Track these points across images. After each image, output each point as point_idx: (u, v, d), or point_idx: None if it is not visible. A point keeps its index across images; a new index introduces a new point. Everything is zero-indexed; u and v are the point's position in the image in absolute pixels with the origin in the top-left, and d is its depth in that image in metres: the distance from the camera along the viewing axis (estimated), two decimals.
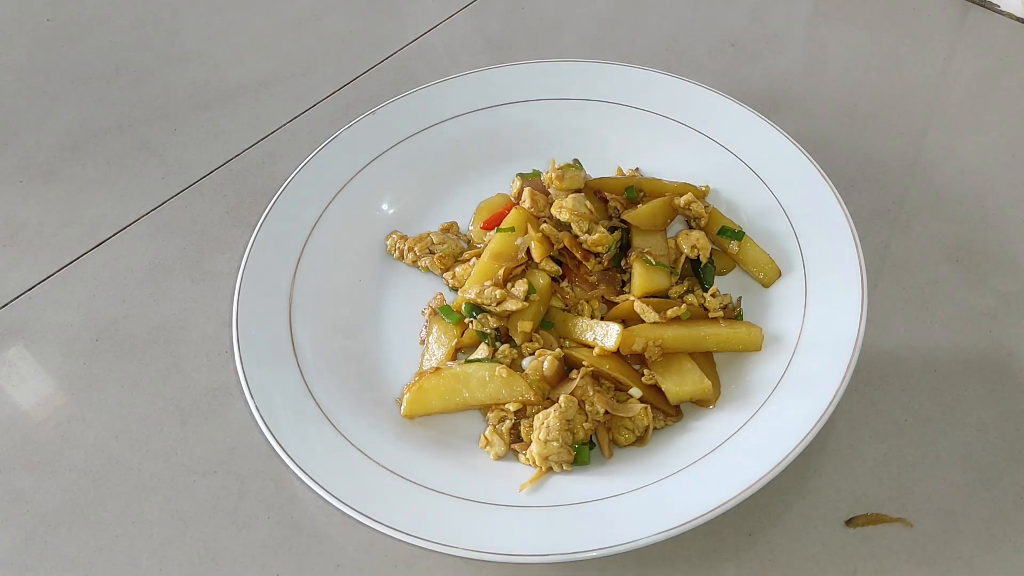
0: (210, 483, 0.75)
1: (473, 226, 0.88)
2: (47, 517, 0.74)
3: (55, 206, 0.99)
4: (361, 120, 0.90)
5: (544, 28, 1.16)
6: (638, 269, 0.78)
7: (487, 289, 0.76)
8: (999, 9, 1.10)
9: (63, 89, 1.14)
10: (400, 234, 0.86)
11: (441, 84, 0.93)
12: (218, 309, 0.87)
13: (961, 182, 0.91)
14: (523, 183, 0.84)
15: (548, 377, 0.73)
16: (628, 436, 0.71)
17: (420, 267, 0.85)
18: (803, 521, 0.69)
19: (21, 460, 0.78)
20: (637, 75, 0.92)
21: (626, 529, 0.62)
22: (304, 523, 0.72)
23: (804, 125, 0.98)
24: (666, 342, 0.73)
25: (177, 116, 1.08)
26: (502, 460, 0.71)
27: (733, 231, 0.81)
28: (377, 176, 0.89)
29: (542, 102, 0.93)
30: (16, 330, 0.88)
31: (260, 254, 0.80)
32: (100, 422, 0.80)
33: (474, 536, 0.62)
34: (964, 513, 0.68)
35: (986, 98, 1.00)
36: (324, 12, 1.22)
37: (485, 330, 0.76)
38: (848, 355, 0.67)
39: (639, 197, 0.84)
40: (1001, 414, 0.74)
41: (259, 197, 0.97)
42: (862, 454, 0.72)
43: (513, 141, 0.92)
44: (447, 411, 0.73)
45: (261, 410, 0.69)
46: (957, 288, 0.82)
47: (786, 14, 1.14)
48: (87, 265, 0.93)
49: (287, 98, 1.09)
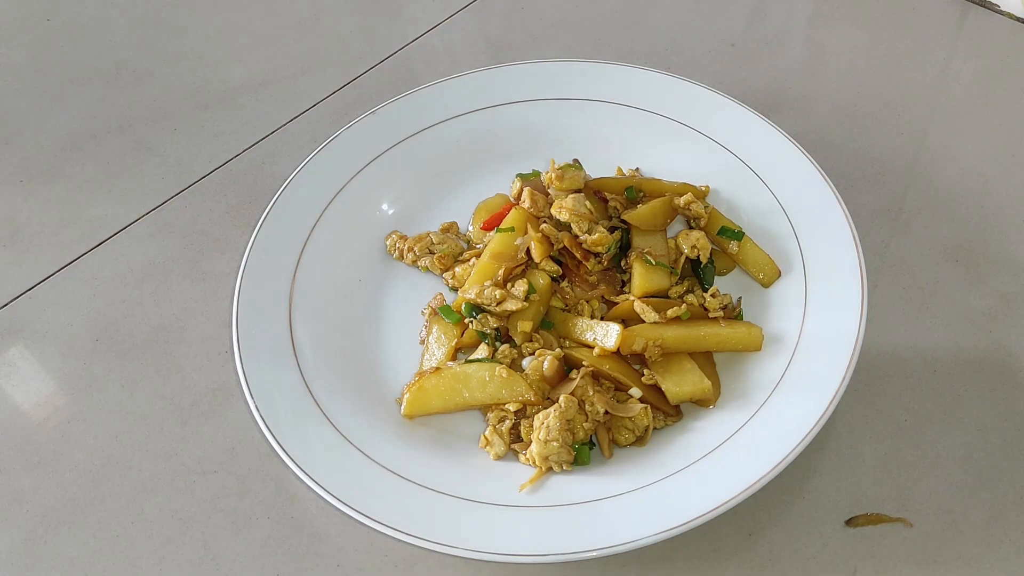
0: (210, 483, 0.75)
1: (473, 226, 0.88)
2: (47, 517, 0.74)
3: (55, 206, 0.99)
4: (361, 120, 0.90)
5: (544, 28, 1.16)
6: (638, 269, 0.78)
7: (487, 289, 0.76)
8: (999, 9, 1.10)
9: (63, 89, 1.14)
10: (400, 234, 0.86)
11: (441, 84, 0.93)
12: (218, 309, 0.87)
13: (961, 182, 0.91)
14: (523, 183, 0.84)
15: (548, 377, 0.73)
16: (628, 436, 0.71)
17: (420, 267, 0.85)
18: (803, 521, 0.69)
19: (21, 460, 0.78)
20: (637, 75, 0.92)
21: (626, 529, 0.62)
22: (304, 523, 0.72)
23: (804, 125, 0.98)
24: (666, 342, 0.73)
25: (177, 116, 1.08)
26: (502, 460, 0.71)
27: (733, 231, 0.81)
28: (377, 176, 0.89)
29: (542, 102, 0.93)
30: (16, 330, 0.88)
31: (260, 254, 0.80)
32: (100, 422, 0.80)
33: (474, 536, 0.62)
34: (964, 513, 0.68)
35: (986, 98, 1.00)
36: (324, 12, 1.22)
37: (485, 330, 0.76)
38: (848, 355, 0.67)
39: (639, 197, 0.84)
40: (1001, 414, 0.74)
41: (259, 197, 0.97)
42: (862, 454, 0.72)
43: (513, 141, 0.92)
44: (447, 411, 0.73)
45: (261, 410, 0.69)
46: (957, 288, 0.82)
47: (786, 14, 1.14)
48: (87, 265, 0.93)
49: (287, 98, 1.09)
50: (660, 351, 0.73)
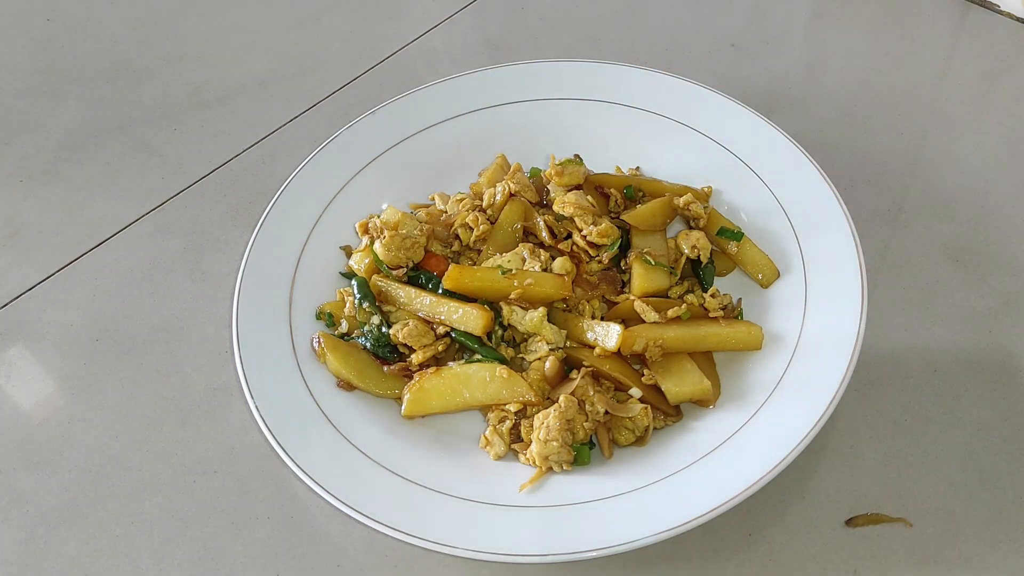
0: (210, 483, 0.75)
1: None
2: (47, 517, 0.74)
3: (55, 206, 0.99)
4: (361, 120, 0.90)
5: (544, 28, 1.16)
6: (638, 269, 0.78)
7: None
8: (999, 9, 1.10)
9: (63, 89, 1.14)
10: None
11: (441, 84, 0.93)
12: (218, 309, 0.87)
13: (961, 182, 0.91)
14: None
15: (548, 377, 0.73)
16: (628, 436, 0.71)
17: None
18: (803, 521, 0.69)
19: (21, 460, 0.78)
20: (637, 75, 0.92)
21: (626, 529, 0.62)
22: (304, 523, 0.72)
23: (804, 125, 0.98)
24: (666, 342, 0.73)
25: (177, 116, 1.08)
26: (502, 460, 0.71)
27: (732, 232, 0.81)
28: (377, 176, 0.89)
29: (542, 102, 0.93)
30: (16, 330, 0.88)
31: (260, 254, 0.80)
32: (100, 422, 0.80)
33: (474, 536, 0.62)
34: (964, 513, 0.68)
35: (986, 98, 1.00)
36: (324, 12, 1.22)
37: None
38: (848, 355, 0.67)
39: (638, 197, 0.84)
40: (1001, 414, 0.74)
41: (259, 197, 0.97)
42: (862, 454, 0.72)
43: (513, 141, 0.92)
44: (447, 411, 0.73)
45: (261, 410, 0.69)
46: (957, 288, 0.82)
47: (786, 14, 1.14)
48: (87, 265, 0.93)
49: (287, 98, 1.09)
50: (660, 351, 0.72)
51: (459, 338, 0.75)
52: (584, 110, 0.92)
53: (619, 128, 0.91)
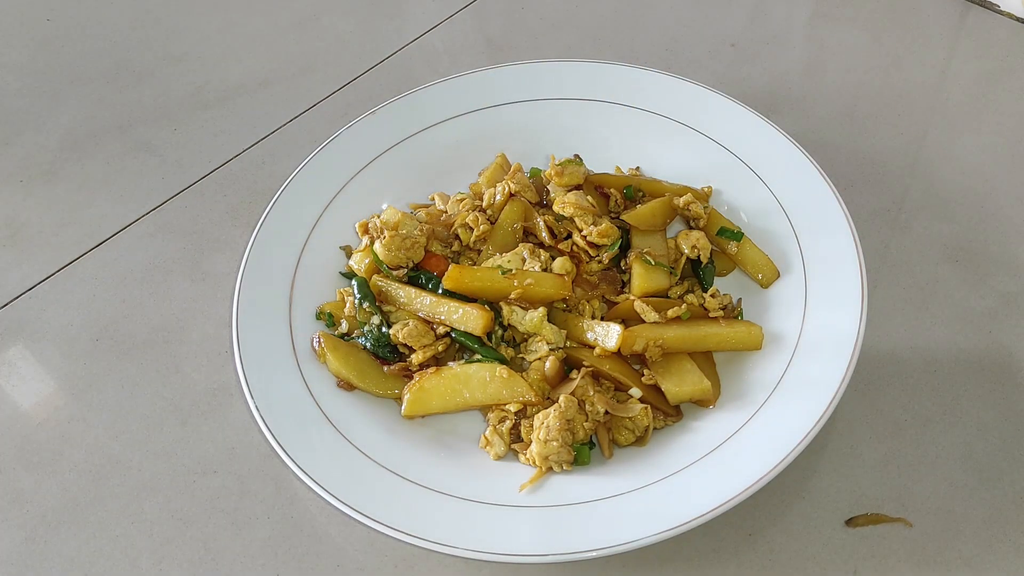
0: (210, 483, 0.75)
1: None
2: (47, 517, 0.74)
3: (55, 206, 0.99)
4: (361, 120, 0.90)
5: (544, 28, 1.16)
6: (638, 269, 0.78)
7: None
8: (999, 9, 1.10)
9: (63, 89, 1.14)
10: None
11: (441, 84, 0.93)
12: (218, 309, 0.87)
13: (961, 182, 0.91)
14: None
15: (548, 377, 0.73)
16: (628, 436, 0.71)
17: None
18: (803, 521, 0.69)
19: (21, 460, 0.78)
20: (637, 75, 0.92)
21: (626, 529, 0.62)
22: (304, 523, 0.72)
23: (804, 125, 0.98)
24: (666, 342, 0.73)
25: (177, 116, 1.08)
26: (502, 460, 0.71)
27: (732, 232, 0.81)
28: (377, 176, 0.89)
29: (542, 102, 0.93)
30: (16, 330, 0.88)
31: (260, 254, 0.80)
32: (100, 422, 0.80)
33: (474, 536, 0.62)
34: (964, 513, 0.68)
35: (986, 98, 1.00)
36: (324, 12, 1.22)
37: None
38: (848, 355, 0.67)
39: (638, 197, 0.84)
40: (1001, 414, 0.74)
41: (259, 197, 0.97)
42: (862, 454, 0.72)
43: (513, 141, 0.92)
44: (447, 411, 0.73)
45: (261, 410, 0.69)
46: (957, 288, 0.82)
47: (786, 14, 1.14)
48: (87, 265, 0.93)
49: (287, 98, 1.09)
50: (660, 351, 0.73)
51: (459, 338, 0.75)
52: (584, 110, 0.92)
53: (619, 128, 0.91)
